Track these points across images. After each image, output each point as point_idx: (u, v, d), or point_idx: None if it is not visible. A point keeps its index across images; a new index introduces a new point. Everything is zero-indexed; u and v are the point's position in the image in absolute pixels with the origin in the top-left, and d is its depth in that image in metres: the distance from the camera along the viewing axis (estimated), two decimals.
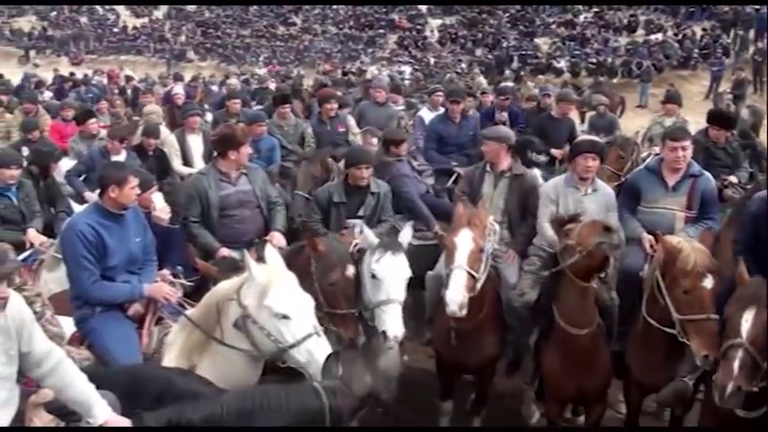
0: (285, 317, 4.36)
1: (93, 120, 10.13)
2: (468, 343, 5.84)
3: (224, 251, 6.14)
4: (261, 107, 12.32)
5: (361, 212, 6.63)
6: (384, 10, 44.11)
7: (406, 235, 5.89)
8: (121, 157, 8.68)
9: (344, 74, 30.35)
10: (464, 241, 5.47)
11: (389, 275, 5.46)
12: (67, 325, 5.19)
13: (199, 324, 4.69)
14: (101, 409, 3.57)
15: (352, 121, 10.31)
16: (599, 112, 12.07)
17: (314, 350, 4.30)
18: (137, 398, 3.83)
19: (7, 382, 3.55)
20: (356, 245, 5.97)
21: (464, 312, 5.33)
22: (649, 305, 5.40)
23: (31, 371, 3.67)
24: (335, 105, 10.11)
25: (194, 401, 3.79)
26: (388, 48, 40.86)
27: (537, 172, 8.13)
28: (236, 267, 5.51)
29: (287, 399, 3.65)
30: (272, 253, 4.73)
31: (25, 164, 7.95)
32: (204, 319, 4.70)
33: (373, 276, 5.47)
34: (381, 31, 42.71)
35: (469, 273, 5.41)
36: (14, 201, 7.27)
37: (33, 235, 7.17)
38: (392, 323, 5.33)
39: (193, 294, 5.45)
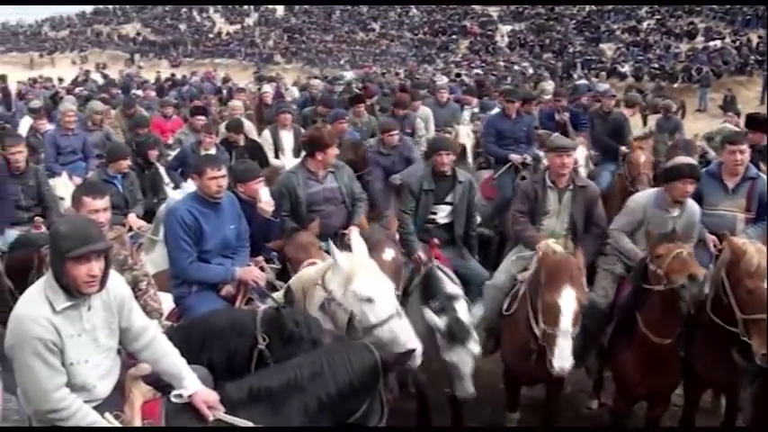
0: (370, 300, 4.40)
1: (201, 116, 10.26)
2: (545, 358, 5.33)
3: None
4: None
5: (449, 199, 6.63)
6: (457, 16, 43.85)
7: (476, 313, 5.81)
8: (212, 151, 8.75)
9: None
10: (568, 302, 4.89)
11: (461, 364, 5.27)
12: (165, 301, 5.25)
13: (289, 288, 4.71)
14: (191, 381, 3.59)
15: (420, 124, 10.40)
16: (665, 114, 11.70)
17: (396, 329, 4.37)
18: (188, 349, 3.84)
19: (110, 353, 3.55)
20: None
21: None
22: (714, 304, 5.08)
23: (128, 345, 3.68)
24: (404, 110, 10.31)
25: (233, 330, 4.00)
26: (460, 52, 40.59)
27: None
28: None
29: (348, 356, 3.72)
30: (357, 243, 4.68)
31: None
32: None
33: (447, 362, 5.35)
34: (454, 36, 42.46)
35: (574, 335, 4.93)
36: (120, 188, 7.46)
37: (133, 219, 7.35)
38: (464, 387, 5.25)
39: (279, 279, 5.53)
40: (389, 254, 5.61)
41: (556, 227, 6.02)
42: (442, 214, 6.63)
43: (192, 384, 3.58)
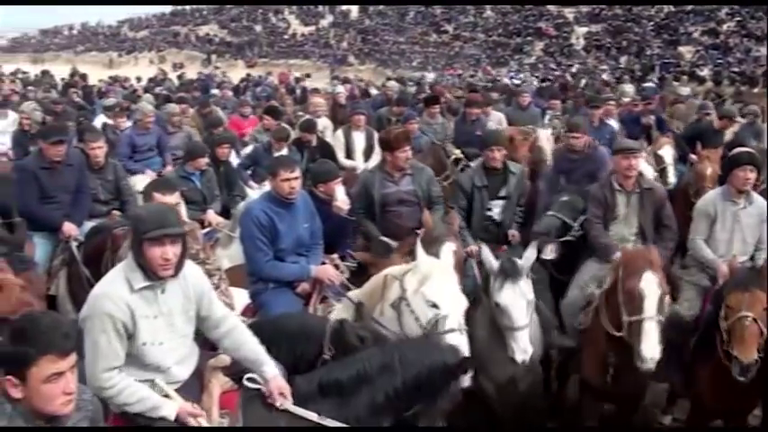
0: (435, 306, 4.34)
1: (270, 117, 10.42)
2: (625, 374, 5.12)
3: (383, 239, 6.27)
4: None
5: (503, 193, 6.63)
6: (532, 18, 43.36)
7: (529, 256, 5.35)
8: (284, 152, 8.91)
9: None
10: (651, 287, 4.76)
11: (512, 305, 5.01)
12: (239, 297, 5.40)
13: (362, 301, 4.73)
14: (270, 366, 3.67)
15: (491, 126, 10.24)
16: (750, 120, 11.33)
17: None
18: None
19: (187, 339, 3.68)
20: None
21: None
22: None
23: (209, 333, 3.80)
24: (477, 111, 10.34)
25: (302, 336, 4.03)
26: (535, 54, 40.12)
27: None
28: (388, 250, 5.70)
29: (419, 352, 3.64)
30: (447, 251, 4.65)
31: None
32: (369, 296, 4.74)
33: (496, 305, 5.09)
34: (529, 38, 41.99)
35: (660, 322, 4.82)
36: (198, 184, 7.74)
37: (212, 216, 7.56)
38: (519, 349, 4.92)
39: (354, 278, 5.57)
40: (450, 247, 5.59)
41: (624, 232, 5.93)
42: (497, 210, 6.63)
43: (270, 370, 3.65)
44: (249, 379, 3.67)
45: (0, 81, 29.30)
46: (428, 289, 4.38)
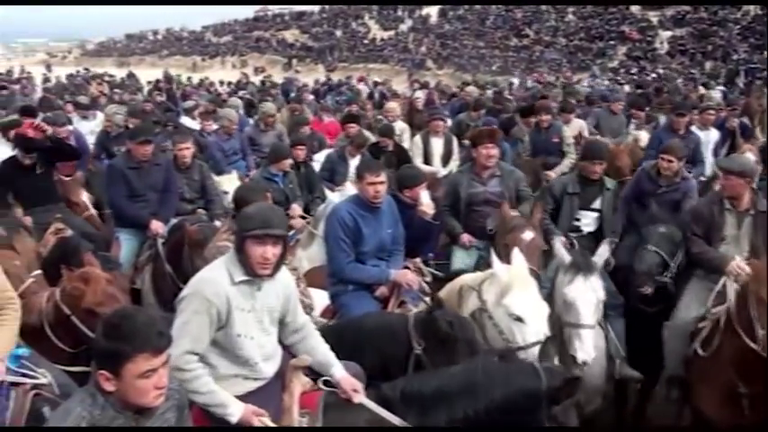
0: (519, 319, 4.28)
1: (353, 124, 10.49)
2: (756, 405, 4.77)
3: (465, 236, 6.36)
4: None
5: (595, 205, 6.53)
6: (615, 21, 42.52)
7: (603, 253, 5.22)
8: (355, 160, 8.92)
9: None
10: None
11: (581, 300, 4.86)
12: (318, 298, 5.46)
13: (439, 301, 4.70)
14: (338, 368, 3.75)
15: (567, 132, 9.98)
16: None
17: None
18: (341, 348, 3.94)
19: (272, 337, 3.76)
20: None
21: None
22: None
23: (286, 338, 3.89)
24: (548, 117, 9.97)
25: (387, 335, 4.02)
26: (617, 59, 39.34)
27: None
28: None
29: (509, 374, 3.54)
30: (518, 256, 4.60)
31: None
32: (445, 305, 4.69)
33: (564, 300, 4.95)
34: (611, 42, 41.19)
35: None
36: (280, 185, 7.90)
37: (296, 209, 7.74)
38: (582, 349, 4.74)
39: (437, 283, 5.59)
40: (528, 235, 5.55)
41: (733, 255, 5.40)
42: (586, 221, 6.53)
43: (338, 372, 3.74)
44: (325, 382, 3.73)
45: (88, 84, 30.43)
46: (510, 301, 4.31)
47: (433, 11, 53.64)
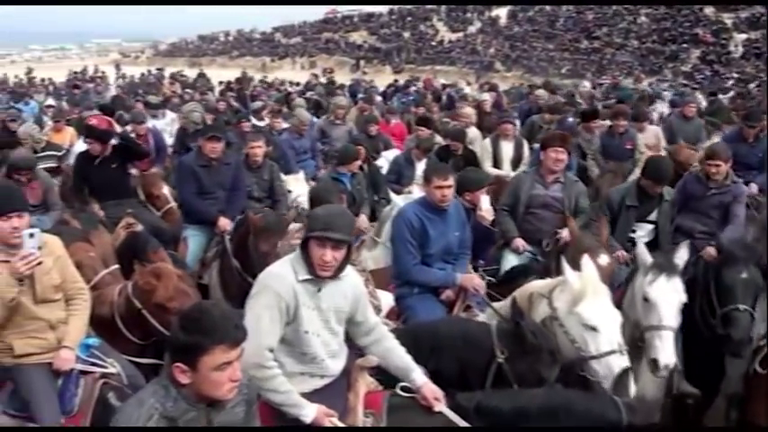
0: (593, 328, 4.18)
1: (425, 127, 10.48)
2: None
3: (519, 241, 6.23)
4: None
5: (652, 217, 6.42)
6: (688, 24, 41.52)
7: (683, 256, 5.00)
8: (421, 164, 8.93)
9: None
10: None
11: (663, 300, 4.69)
12: (383, 299, 5.47)
13: (504, 316, 4.59)
14: (418, 374, 3.73)
15: (640, 140, 9.75)
16: None
17: (614, 367, 4.09)
18: (415, 351, 3.91)
19: (338, 337, 3.77)
20: None
21: None
22: None
23: (359, 339, 3.90)
24: (625, 122, 9.75)
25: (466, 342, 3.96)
26: (690, 62, 38.40)
27: None
28: None
29: (589, 405, 3.51)
30: (588, 263, 4.51)
31: None
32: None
33: (645, 299, 4.76)
34: (684, 45, 40.21)
35: None
36: (348, 186, 7.91)
37: (362, 220, 7.70)
38: (664, 351, 4.57)
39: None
40: (604, 259, 5.40)
41: None
42: (641, 233, 6.38)
43: (419, 378, 3.71)
44: (403, 388, 3.72)
45: (160, 83, 31.15)
46: (583, 309, 4.21)
47: (502, 12, 53.32)
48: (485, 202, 6.34)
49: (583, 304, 4.22)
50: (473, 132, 10.74)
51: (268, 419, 3.43)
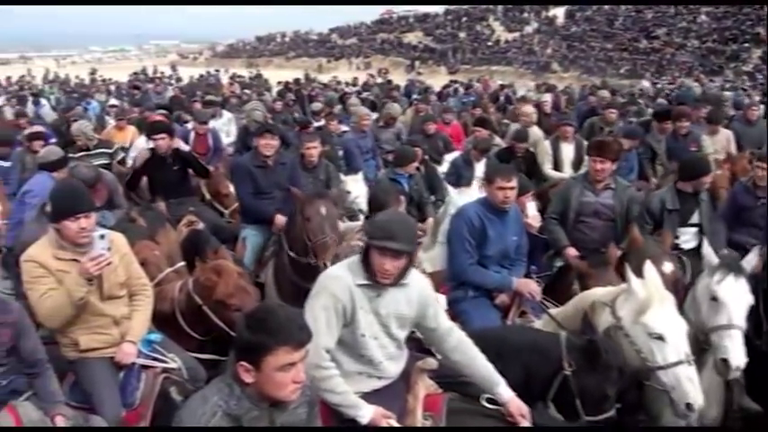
0: (660, 338, 4.09)
1: (483, 128, 10.43)
2: None
3: (571, 251, 6.05)
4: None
5: (694, 219, 6.34)
6: (749, 23, 40.44)
7: (751, 260, 4.88)
8: (480, 164, 8.90)
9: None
10: None
11: (732, 299, 4.56)
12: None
13: (562, 323, 4.55)
14: (504, 387, 3.69)
15: (707, 141, 9.56)
16: None
17: (682, 377, 4.02)
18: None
19: (398, 342, 3.76)
20: None
21: None
22: None
23: (437, 345, 3.89)
24: (687, 123, 9.60)
25: (534, 351, 3.95)
26: (752, 62, 37.38)
27: None
28: (605, 263, 5.44)
29: None
30: (651, 269, 4.41)
31: None
32: (571, 319, 4.54)
33: (713, 298, 4.63)
34: (746, 44, 39.17)
35: None
36: (406, 186, 7.86)
37: (429, 222, 7.71)
38: (735, 351, 4.44)
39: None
40: (668, 267, 5.27)
41: None
42: (686, 237, 6.30)
43: (505, 392, 3.68)
44: (488, 400, 3.70)
45: (220, 84, 31.58)
46: (650, 319, 4.12)
47: (559, 12, 52.76)
48: (531, 208, 6.24)
49: (649, 313, 4.13)
50: (535, 133, 10.61)
51: (326, 419, 3.43)
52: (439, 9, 63.31)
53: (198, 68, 54.41)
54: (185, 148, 8.53)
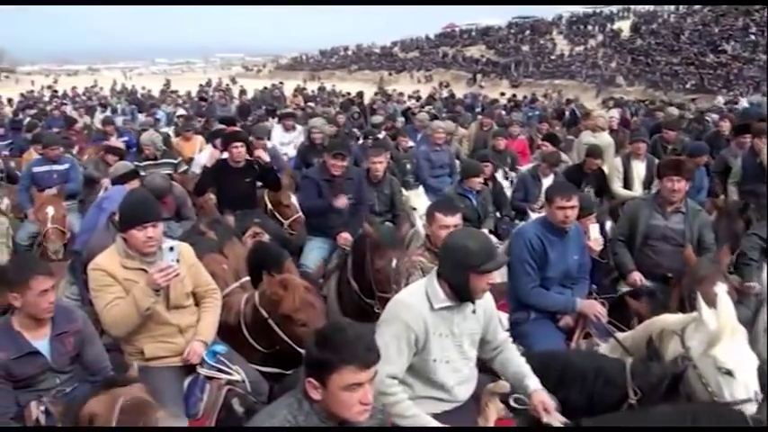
0: (729, 373, 3.90)
1: (550, 143, 10.34)
2: None
3: (636, 275, 5.89)
4: None
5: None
6: None
7: None
8: (549, 179, 8.78)
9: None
10: None
11: None
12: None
13: (629, 349, 4.44)
14: (532, 380, 3.71)
15: None
16: None
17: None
18: (542, 379, 3.83)
19: (470, 362, 3.75)
20: None
21: None
22: None
23: (485, 353, 3.90)
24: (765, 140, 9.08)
25: (599, 377, 3.85)
26: None
27: None
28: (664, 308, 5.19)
29: (718, 421, 3.32)
30: (724, 300, 4.24)
31: None
32: (638, 345, 4.41)
33: None
34: None
35: None
36: (474, 202, 7.88)
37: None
38: None
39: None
40: (722, 288, 5.00)
41: None
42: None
43: (533, 384, 3.68)
44: (516, 399, 3.69)
45: (284, 96, 31.93)
46: (720, 353, 3.93)
47: (624, 25, 52.04)
48: (593, 230, 6.06)
49: (719, 346, 3.95)
50: (605, 139, 10.36)
51: None
52: (502, 22, 63.13)
53: (261, 81, 55.23)
54: (266, 158, 8.64)
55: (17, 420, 3.91)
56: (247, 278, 5.69)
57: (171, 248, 4.06)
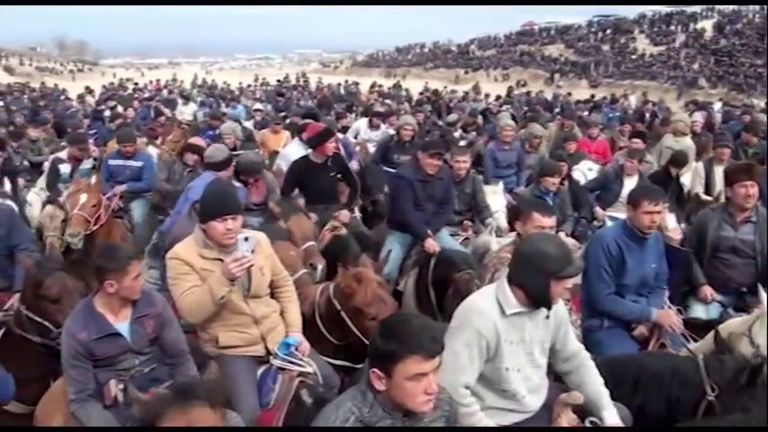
0: None
1: (638, 140, 10.15)
2: None
3: (707, 290, 5.71)
4: None
5: None
6: None
7: None
8: (632, 180, 8.56)
9: None
10: None
11: None
12: None
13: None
14: (610, 412, 3.59)
15: None
16: None
17: None
18: (617, 385, 3.77)
19: (541, 370, 3.69)
20: None
21: None
22: None
23: (557, 364, 3.82)
24: None
25: (675, 377, 3.77)
26: None
27: None
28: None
29: None
30: None
31: None
32: (706, 350, 4.29)
33: None
34: None
35: None
36: (550, 203, 7.61)
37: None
38: None
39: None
40: None
41: None
42: None
43: (611, 417, 3.57)
44: (591, 422, 3.60)
45: (359, 93, 32.13)
46: None
47: (707, 25, 50.56)
48: (670, 220, 5.86)
49: None
50: (687, 143, 10.07)
51: None
52: (581, 21, 62.06)
53: (338, 77, 55.63)
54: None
55: (95, 397, 4.01)
56: (313, 243, 5.77)
57: (246, 239, 4.09)
